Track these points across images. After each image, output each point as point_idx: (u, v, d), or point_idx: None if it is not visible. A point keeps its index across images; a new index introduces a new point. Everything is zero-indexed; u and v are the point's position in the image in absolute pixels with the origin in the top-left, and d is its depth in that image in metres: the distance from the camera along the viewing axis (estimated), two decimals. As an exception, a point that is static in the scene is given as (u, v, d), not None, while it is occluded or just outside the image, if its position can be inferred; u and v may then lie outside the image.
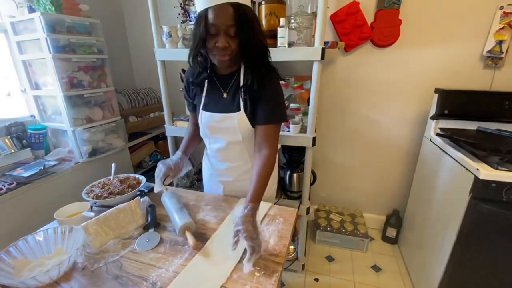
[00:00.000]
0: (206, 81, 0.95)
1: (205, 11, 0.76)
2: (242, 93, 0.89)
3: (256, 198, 0.81)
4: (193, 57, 0.89)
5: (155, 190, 0.99)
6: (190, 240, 0.77)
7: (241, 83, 0.89)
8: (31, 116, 1.55)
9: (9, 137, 1.36)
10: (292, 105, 1.49)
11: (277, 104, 0.91)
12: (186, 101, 1.10)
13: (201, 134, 1.05)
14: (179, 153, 1.05)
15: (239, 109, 0.90)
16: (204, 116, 0.97)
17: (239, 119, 0.91)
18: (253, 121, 0.92)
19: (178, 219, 0.83)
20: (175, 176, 1.02)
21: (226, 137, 0.98)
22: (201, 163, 1.27)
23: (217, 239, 0.82)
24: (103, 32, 1.57)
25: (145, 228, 0.88)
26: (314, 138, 1.37)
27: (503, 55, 1.48)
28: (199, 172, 1.43)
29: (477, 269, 1.19)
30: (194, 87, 0.99)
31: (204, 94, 0.96)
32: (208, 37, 0.79)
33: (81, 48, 1.46)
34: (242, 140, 0.96)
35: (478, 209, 1.10)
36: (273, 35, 1.33)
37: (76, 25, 1.44)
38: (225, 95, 0.93)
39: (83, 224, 0.79)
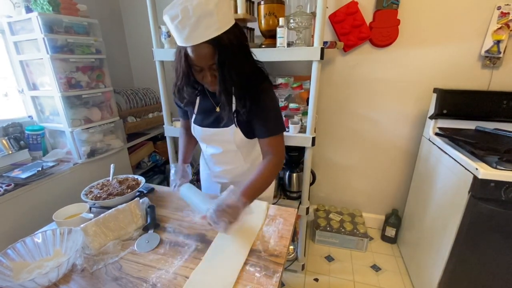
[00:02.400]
0: (198, 97, 0.95)
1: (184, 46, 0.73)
2: (235, 116, 0.88)
3: (249, 194, 0.78)
4: (178, 91, 0.87)
5: (173, 188, 0.98)
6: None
7: (233, 104, 0.85)
8: (29, 116, 1.54)
9: (6, 138, 1.35)
10: (291, 105, 1.49)
11: (274, 116, 0.90)
12: (177, 107, 1.07)
13: (197, 139, 1.06)
14: (179, 164, 1.07)
15: (232, 123, 0.89)
16: (196, 130, 0.98)
17: (233, 133, 0.91)
18: (249, 133, 0.92)
19: (203, 206, 0.80)
20: (185, 181, 1.00)
21: (221, 146, 0.99)
22: (199, 164, 1.27)
23: (218, 245, 0.81)
24: (101, 32, 1.56)
25: (145, 229, 0.88)
26: (313, 138, 1.37)
27: (501, 55, 1.48)
28: (198, 173, 1.44)
29: (476, 268, 1.19)
30: (187, 99, 0.93)
31: (196, 108, 0.96)
32: (192, 71, 0.78)
33: (79, 48, 1.45)
34: (237, 148, 0.97)
35: (477, 208, 1.10)
36: (272, 35, 1.33)
37: (74, 25, 1.43)
38: (217, 109, 0.91)
39: (82, 225, 0.78)
